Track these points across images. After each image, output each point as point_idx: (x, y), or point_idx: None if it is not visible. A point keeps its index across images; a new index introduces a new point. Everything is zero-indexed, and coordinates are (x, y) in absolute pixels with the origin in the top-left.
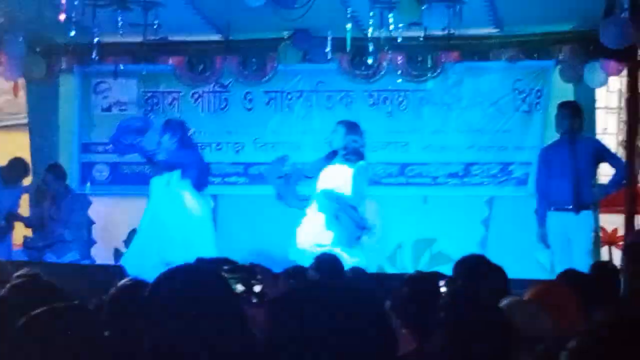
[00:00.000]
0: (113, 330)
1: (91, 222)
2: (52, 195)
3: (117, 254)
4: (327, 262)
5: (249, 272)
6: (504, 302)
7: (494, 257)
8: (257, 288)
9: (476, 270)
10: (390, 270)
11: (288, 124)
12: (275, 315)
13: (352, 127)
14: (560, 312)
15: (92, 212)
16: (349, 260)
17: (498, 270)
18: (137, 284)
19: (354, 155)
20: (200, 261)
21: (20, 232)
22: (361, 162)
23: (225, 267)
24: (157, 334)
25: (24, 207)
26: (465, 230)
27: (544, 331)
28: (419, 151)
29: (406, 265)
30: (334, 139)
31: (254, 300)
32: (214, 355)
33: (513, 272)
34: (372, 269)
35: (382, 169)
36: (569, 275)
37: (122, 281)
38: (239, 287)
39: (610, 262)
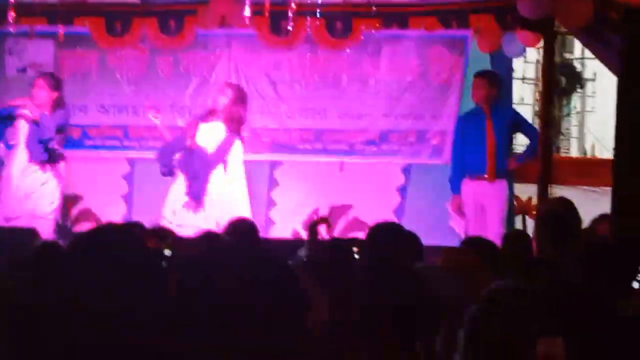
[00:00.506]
0: (31, 292)
1: None
2: None
3: None
4: (241, 226)
5: (159, 236)
6: (417, 268)
7: (410, 224)
8: (167, 252)
9: (389, 236)
10: (305, 236)
11: (206, 88)
12: (184, 278)
13: (241, 98)
14: (471, 279)
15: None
16: None
17: (411, 237)
18: (54, 245)
19: (235, 124)
20: (109, 224)
21: None
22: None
23: (134, 231)
24: (76, 294)
25: None
26: (381, 198)
27: (456, 298)
28: (336, 118)
29: (321, 232)
30: (220, 100)
31: (164, 265)
32: (134, 315)
33: (428, 239)
34: (287, 234)
35: (298, 135)
36: (475, 243)
37: (38, 243)
38: None
39: (522, 230)
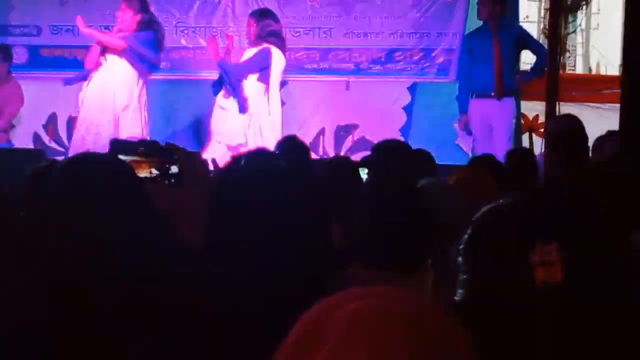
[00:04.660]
0: (28, 212)
1: None
2: None
3: (37, 138)
4: (293, 145)
5: (165, 153)
6: (425, 184)
7: (416, 143)
8: (174, 169)
9: (396, 152)
10: (312, 156)
11: (211, 9)
12: (221, 191)
13: (263, 14)
14: (481, 196)
15: None
16: None
17: (423, 153)
18: (52, 166)
19: (271, 36)
20: (114, 143)
21: None
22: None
23: (141, 149)
24: (59, 219)
25: None
26: (387, 117)
27: (467, 216)
28: (342, 37)
29: (328, 151)
30: (249, 31)
31: (172, 181)
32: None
33: (435, 158)
34: None
35: (304, 54)
36: (485, 161)
37: (39, 164)
38: (154, 171)
39: (525, 147)
